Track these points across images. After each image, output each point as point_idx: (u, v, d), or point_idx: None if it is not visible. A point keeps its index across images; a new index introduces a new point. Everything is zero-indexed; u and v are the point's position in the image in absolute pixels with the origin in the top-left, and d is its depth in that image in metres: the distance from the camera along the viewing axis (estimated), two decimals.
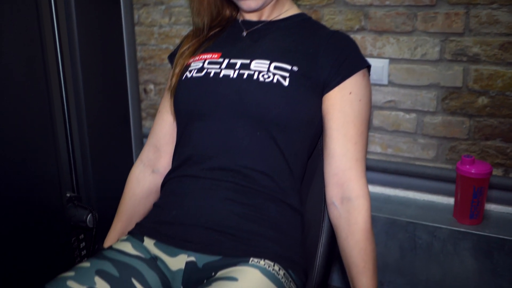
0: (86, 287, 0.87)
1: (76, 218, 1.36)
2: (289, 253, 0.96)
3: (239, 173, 0.98)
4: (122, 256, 0.94)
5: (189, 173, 1.01)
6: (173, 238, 0.96)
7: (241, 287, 0.85)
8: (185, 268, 0.94)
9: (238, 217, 0.95)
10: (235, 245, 0.93)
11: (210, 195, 0.97)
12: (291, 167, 1.02)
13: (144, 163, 1.18)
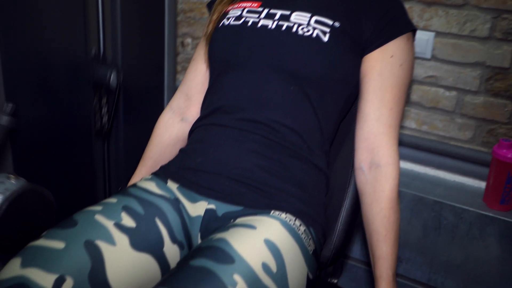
0: (113, 222, 0.87)
1: (98, 76, 1.33)
2: (312, 212, 0.95)
3: (267, 127, 0.96)
4: (146, 195, 0.95)
5: (218, 122, 1.00)
6: (195, 184, 0.96)
7: (259, 235, 0.84)
8: (204, 215, 0.94)
9: (262, 170, 0.94)
10: (257, 198, 0.92)
11: (236, 146, 0.96)
12: (321, 127, 0.99)
13: (173, 111, 1.17)
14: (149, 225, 0.90)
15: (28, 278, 0.77)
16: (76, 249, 0.81)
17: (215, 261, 0.78)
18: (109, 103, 1.44)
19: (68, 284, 0.78)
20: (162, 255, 0.90)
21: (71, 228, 0.85)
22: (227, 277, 0.76)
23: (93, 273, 0.81)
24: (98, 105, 1.39)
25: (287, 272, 0.83)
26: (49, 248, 0.81)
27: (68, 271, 0.79)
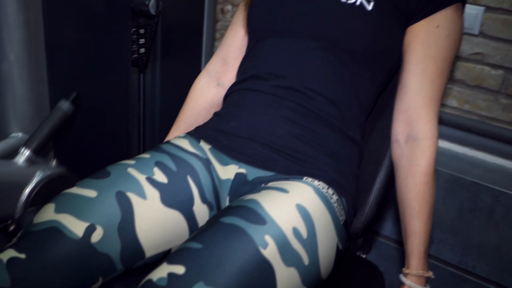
0: (145, 176, 0.89)
1: (137, 2, 1.28)
2: (344, 182, 0.93)
3: (303, 95, 0.94)
4: (180, 152, 0.95)
5: (254, 88, 0.98)
6: (227, 147, 0.96)
7: (291, 199, 0.83)
8: (234, 178, 0.94)
9: (295, 138, 0.93)
10: (289, 164, 0.91)
11: (271, 112, 0.95)
12: (359, 99, 0.97)
13: (210, 75, 1.16)
14: (181, 182, 0.91)
15: (61, 223, 0.79)
16: (108, 199, 0.83)
17: (246, 220, 0.78)
18: (147, 34, 1.40)
19: (98, 233, 0.80)
20: (191, 214, 0.90)
21: (104, 179, 0.86)
22: (258, 237, 0.76)
23: (123, 224, 0.82)
24: (136, 35, 1.37)
25: (317, 239, 0.82)
26: (82, 196, 0.83)
27: (99, 221, 0.81)
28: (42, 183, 0.93)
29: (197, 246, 0.75)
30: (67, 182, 0.99)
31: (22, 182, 0.93)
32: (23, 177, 0.92)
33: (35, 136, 0.97)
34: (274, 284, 0.76)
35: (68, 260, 0.78)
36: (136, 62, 1.45)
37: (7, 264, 0.75)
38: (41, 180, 0.93)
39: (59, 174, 0.97)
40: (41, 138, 0.97)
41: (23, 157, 0.96)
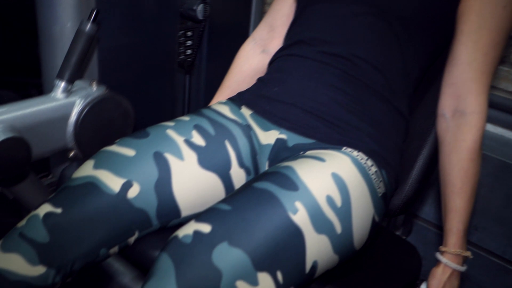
0: (183, 138, 0.89)
1: (186, 6, 1.34)
2: (386, 154, 0.91)
3: (349, 62, 0.92)
4: (219, 117, 0.96)
5: (298, 53, 0.97)
6: (269, 113, 0.95)
7: (327, 168, 0.82)
8: (275, 144, 0.93)
9: (338, 105, 0.91)
10: (330, 132, 0.90)
11: (315, 78, 0.93)
12: (407, 69, 0.94)
13: (256, 41, 1.16)
14: (218, 146, 0.91)
15: (99, 178, 0.81)
16: (146, 158, 0.84)
17: (278, 186, 0.77)
18: (194, 37, 1.45)
19: (135, 189, 0.81)
20: (228, 177, 0.91)
21: (143, 139, 0.87)
22: (288, 203, 0.75)
23: (160, 182, 0.84)
24: (183, 37, 1.41)
25: (352, 208, 0.81)
26: (120, 154, 0.84)
27: (136, 178, 0.82)
28: (85, 109, 0.93)
29: (226, 207, 0.75)
30: (111, 103, 0.98)
31: (65, 114, 0.93)
32: (65, 109, 0.93)
33: (64, 65, 0.95)
34: (304, 250, 0.75)
35: (104, 214, 0.80)
36: (182, 64, 1.50)
37: (43, 219, 0.78)
38: (84, 107, 0.93)
39: (102, 97, 0.96)
40: (71, 66, 0.95)
41: (59, 89, 0.94)
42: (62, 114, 0.88)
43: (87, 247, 0.79)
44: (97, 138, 0.94)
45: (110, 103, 0.96)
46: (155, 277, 0.69)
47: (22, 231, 0.78)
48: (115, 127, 0.97)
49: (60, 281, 0.80)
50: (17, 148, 0.83)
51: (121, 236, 0.82)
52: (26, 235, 0.78)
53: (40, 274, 0.77)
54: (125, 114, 0.99)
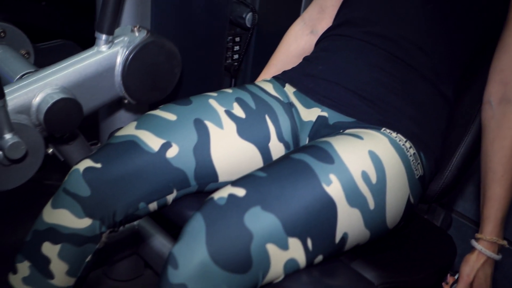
0: (224, 109, 0.92)
1: (235, 14, 1.40)
2: (426, 137, 0.91)
3: (395, 44, 0.92)
4: (262, 93, 0.98)
5: (345, 34, 0.98)
6: (312, 90, 0.96)
7: (364, 145, 0.83)
8: (316, 121, 0.95)
9: (381, 86, 0.91)
10: (371, 112, 0.91)
11: (360, 58, 0.94)
12: (455, 53, 0.93)
13: (305, 22, 1.17)
14: (258, 120, 0.93)
15: (140, 138, 0.85)
16: (186, 123, 0.88)
17: (315, 158, 0.79)
18: (242, 42, 1.51)
19: (174, 150, 0.85)
20: (266, 149, 0.93)
21: (186, 106, 0.91)
22: (323, 174, 0.77)
23: (198, 146, 0.87)
24: (231, 42, 1.48)
25: (387, 186, 0.82)
26: (162, 118, 0.88)
27: (175, 140, 0.86)
28: (130, 57, 0.94)
29: (262, 174, 0.77)
30: (155, 46, 0.97)
31: (111, 65, 0.94)
32: (110, 60, 0.94)
33: (101, 18, 0.94)
34: (335, 221, 0.77)
35: (143, 170, 0.83)
36: (229, 68, 1.56)
37: (83, 173, 0.82)
38: (128, 55, 0.94)
39: (145, 42, 0.95)
40: (108, 16, 0.94)
41: (101, 41, 0.94)
42: (108, 65, 0.90)
43: (126, 200, 0.83)
44: (146, 83, 0.95)
45: (154, 47, 0.95)
46: (186, 236, 0.72)
47: (65, 186, 0.83)
48: (163, 70, 0.97)
49: (106, 230, 0.85)
50: (68, 108, 0.87)
51: (159, 192, 0.85)
52: (69, 190, 0.83)
53: (87, 226, 0.83)
54: (170, 55, 0.99)
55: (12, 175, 0.87)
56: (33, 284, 0.84)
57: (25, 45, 1.04)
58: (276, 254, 0.72)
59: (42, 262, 0.84)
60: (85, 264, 0.86)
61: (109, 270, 1.50)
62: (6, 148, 0.78)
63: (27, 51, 1.03)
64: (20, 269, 0.85)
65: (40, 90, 0.85)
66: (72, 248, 0.83)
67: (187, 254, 0.70)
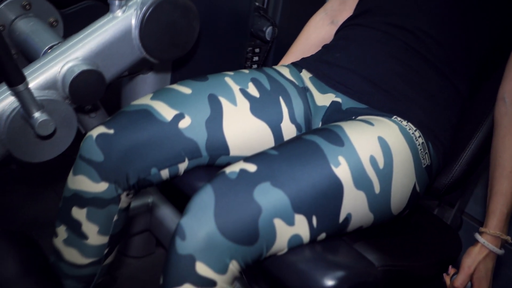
0: (239, 87, 0.95)
1: (256, 27, 1.46)
2: (436, 128, 0.92)
3: (413, 35, 0.94)
4: (278, 76, 1.00)
5: (364, 23, 1.00)
6: (327, 76, 0.99)
7: (374, 131, 0.85)
8: (329, 106, 0.97)
9: (395, 75, 0.93)
10: (383, 100, 0.93)
11: (377, 47, 0.96)
12: (472, 48, 0.95)
13: (326, 12, 1.19)
14: (272, 100, 0.96)
15: (154, 107, 0.88)
16: (200, 97, 0.91)
17: (325, 140, 0.81)
18: (261, 54, 1.57)
19: (186, 121, 0.88)
20: (278, 129, 0.95)
21: (201, 82, 0.94)
22: (332, 156, 0.79)
23: (211, 119, 0.89)
24: (251, 53, 1.54)
25: (393, 172, 0.84)
26: (177, 91, 0.91)
27: (188, 112, 0.89)
28: (145, 18, 0.94)
29: (273, 152, 0.80)
30: (169, 4, 0.96)
31: (127, 29, 0.94)
32: (125, 24, 0.94)
33: None
34: (340, 201, 0.79)
35: (155, 137, 0.86)
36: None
37: (96, 139, 0.85)
38: (143, 16, 0.94)
39: (158, 1, 0.94)
40: None
41: (114, 7, 0.94)
42: (125, 29, 0.92)
43: (138, 165, 0.86)
44: (165, 41, 0.95)
45: (168, 5, 0.95)
46: (195, 208, 0.74)
47: (81, 153, 0.87)
48: (180, 26, 0.97)
49: (123, 192, 0.88)
50: (90, 79, 0.90)
51: (171, 159, 0.88)
52: (84, 156, 0.86)
53: (105, 189, 0.87)
54: (186, 10, 0.98)
55: (48, 147, 0.91)
56: (72, 245, 0.90)
57: (52, 14, 1.06)
58: (282, 229, 0.75)
59: (75, 225, 0.89)
60: (114, 223, 0.91)
61: (122, 245, 1.54)
62: (36, 126, 0.82)
63: (55, 19, 1.06)
64: (59, 233, 0.91)
65: (63, 64, 0.89)
66: (97, 210, 0.88)
67: (195, 225, 0.72)
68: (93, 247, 0.91)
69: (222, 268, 0.73)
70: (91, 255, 0.91)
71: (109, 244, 0.93)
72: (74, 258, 0.91)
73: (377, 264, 0.81)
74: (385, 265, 0.82)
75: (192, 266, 0.72)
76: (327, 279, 0.73)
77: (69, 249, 0.91)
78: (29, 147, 0.88)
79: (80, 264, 0.92)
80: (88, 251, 0.91)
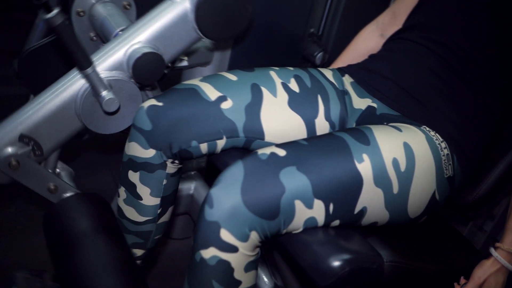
0: (281, 81, 1.02)
1: (308, 52, 1.55)
2: (463, 142, 0.97)
3: (452, 52, 0.99)
4: (320, 76, 1.07)
5: (408, 37, 1.07)
6: (367, 83, 1.06)
7: (401, 137, 0.90)
8: (365, 109, 1.04)
9: (430, 88, 0.99)
10: (416, 110, 0.98)
11: (416, 60, 1.02)
12: (509, 71, 0.99)
13: (377, 25, 1.26)
14: (310, 97, 1.03)
15: (201, 87, 0.97)
16: (244, 84, 0.99)
17: (353, 138, 0.88)
18: None
19: (228, 103, 0.96)
20: (312, 124, 1.02)
21: (248, 72, 1.02)
22: (357, 152, 0.86)
23: (250, 105, 0.97)
24: None
25: (414, 177, 0.89)
26: (225, 77, 1.00)
27: (231, 96, 0.97)
28: (199, 2, 0.99)
29: (303, 142, 0.87)
30: None
31: (184, 12, 1.01)
32: (182, 7, 1.00)
33: None
34: (358, 194, 0.85)
35: (199, 113, 0.95)
36: None
37: (147, 110, 0.95)
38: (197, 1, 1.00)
39: None
40: None
41: None
42: (182, 13, 1.00)
43: (180, 136, 0.95)
44: (220, 22, 1.01)
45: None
46: (225, 180, 0.82)
47: (134, 122, 0.97)
48: (234, 7, 1.01)
49: (167, 160, 0.98)
50: (151, 60, 0.99)
51: (210, 135, 0.97)
52: (136, 125, 0.96)
53: (153, 155, 0.97)
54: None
55: (116, 121, 1.03)
56: (131, 205, 1.03)
57: None
58: (301, 210, 0.82)
59: (131, 187, 1.01)
60: (163, 187, 1.01)
61: None
62: (102, 103, 0.94)
63: (128, 3, 1.17)
64: (121, 194, 1.04)
65: (128, 47, 0.99)
66: (147, 174, 0.98)
67: (223, 196, 0.80)
68: (147, 207, 1.02)
69: (244, 236, 0.80)
70: (146, 214, 1.03)
71: (161, 206, 1.03)
72: (133, 216, 1.04)
73: (386, 258, 0.86)
74: (393, 261, 0.86)
75: (217, 232, 0.79)
76: (332, 259, 0.79)
77: (128, 207, 1.03)
78: (99, 121, 1.01)
79: (138, 221, 1.04)
80: (144, 210, 1.03)
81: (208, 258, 0.80)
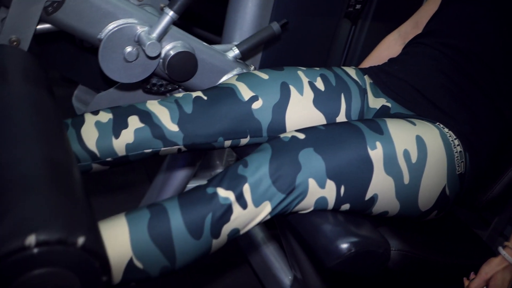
0: (308, 80, 1.09)
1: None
2: (476, 142, 1.00)
3: (466, 57, 1.04)
4: (344, 75, 1.13)
5: (425, 42, 1.12)
6: (383, 83, 1.11)
7: (414, 130, 0.95)
8: (379, 108, 1.09)
9: (444, 90, 1.04)
10: (429, 109, 1.03)
11: (431, 64, 1.07)
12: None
13: (400, 33, 1.32)
14: (334, 95, 1.09)
15: (237, 87, 1.05)
16: (274, 83, 1.06)
17: (368, 127, 0.94)
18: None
19: (259, 103, 1.04)
20: (333, 121, 1.08)
21: (278, 71, 1.10)
22: (371, 140, 0.91)
23: (278, 104, 1.05)
24: None
25: (425, 169, 0.93)
26: (257, 75, 1.08)
27: (262, 95, 1.05)
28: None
29: (321, 127, 0.94)
30: None
31: (225, 69, 1.21)
32: (227, 66, 1.20)
33: (245, 41, 1.24)
34: (369, 180, 0.90)
35: (231, 112, 1.03)
36: (349, 15, 1.73)
37: (194, 98, 1.04)
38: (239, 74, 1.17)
39: None
40: (249, 44, 1.23)
41: (232, 53, 1.23)
42: (224, 69, 1.18)
43: (210, 130, 1.03)
44: None
45: None
46: (257, 154, 0.90)
47: (177, 99, 1.03)
48: None
49: (183, 146, 1.03)
50: (187, 60, 1.11)
51: (237, 133, 1.04)
52: (179, 102, 1.02)
53: (174, 131, 1.00)
54: None
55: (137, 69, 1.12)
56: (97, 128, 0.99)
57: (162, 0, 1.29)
58: (313, 188, 0.88)
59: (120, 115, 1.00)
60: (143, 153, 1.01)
61: None
62: (147, 44, 1.04)
63: (165, 4, 1.28)
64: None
65: (171, 40, 1.11)
66: (150, 132, 0.99)
67: (255, 163, 0.88)
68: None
69: (258, 203, 0.86)
70: None
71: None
72: None
73: (395, 247, 0.90)
74: (402, 250, 0.91)
75: (241, 185, 0.86)
76: (340, 241, 0.84)
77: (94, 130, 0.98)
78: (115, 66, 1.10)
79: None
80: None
81: (221, 196, 0.85)
